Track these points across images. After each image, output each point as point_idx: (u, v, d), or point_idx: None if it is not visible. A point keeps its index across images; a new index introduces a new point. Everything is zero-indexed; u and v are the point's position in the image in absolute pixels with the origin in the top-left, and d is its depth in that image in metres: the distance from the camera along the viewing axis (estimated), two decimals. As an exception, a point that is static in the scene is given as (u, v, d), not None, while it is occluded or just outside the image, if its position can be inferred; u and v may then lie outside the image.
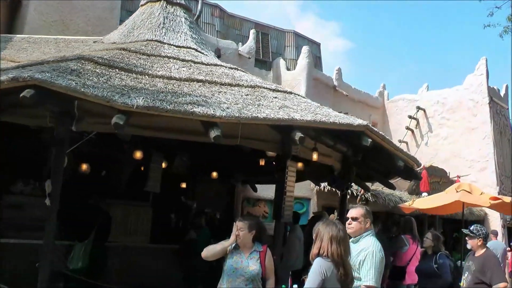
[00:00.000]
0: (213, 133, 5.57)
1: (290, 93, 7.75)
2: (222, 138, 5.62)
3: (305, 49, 17.92)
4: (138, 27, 9.62)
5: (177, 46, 8.87)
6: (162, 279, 8.94)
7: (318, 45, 21.37)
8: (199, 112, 5.56)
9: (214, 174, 13.15)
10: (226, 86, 7.05)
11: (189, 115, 5.54)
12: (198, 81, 6.99)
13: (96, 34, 11.61)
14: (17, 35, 10.32)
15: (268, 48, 19.25)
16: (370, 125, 7.02)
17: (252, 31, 18.13)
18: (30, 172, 8.36)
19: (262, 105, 6.46)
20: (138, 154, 9.60)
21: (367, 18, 65.73)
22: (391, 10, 64.74)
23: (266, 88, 7.45)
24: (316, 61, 19.83)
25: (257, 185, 14.82)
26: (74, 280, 7.61)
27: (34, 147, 7.97)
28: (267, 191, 15.33)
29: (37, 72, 5.49)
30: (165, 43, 8.86)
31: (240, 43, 17.71)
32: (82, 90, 5.38)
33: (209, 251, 5.19)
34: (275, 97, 7.03)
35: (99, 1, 13.95)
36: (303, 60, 17.60)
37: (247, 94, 6.85)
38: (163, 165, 10.66)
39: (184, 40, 9.32)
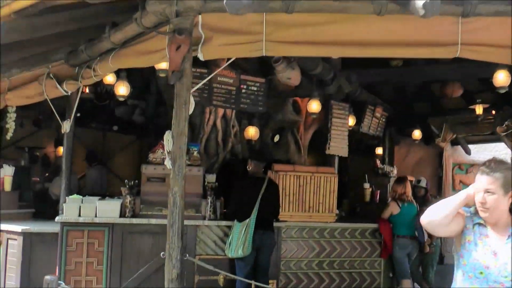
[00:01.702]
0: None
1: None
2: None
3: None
4: None
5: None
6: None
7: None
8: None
9: (417, 133, 10.35)
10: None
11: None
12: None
13: None
14: None
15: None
16: None
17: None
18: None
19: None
20: (315, 106, 7.31)
21: None
22: None
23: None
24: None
25: (470, 146, 11.68)
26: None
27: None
28: (483, 153, 12.17)
29: None
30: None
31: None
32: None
33: (437, 212, 2.57)
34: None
35: None
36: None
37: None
38: (351, 121, 8.25)
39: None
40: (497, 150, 11.76)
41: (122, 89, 6.55)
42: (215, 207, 6.10)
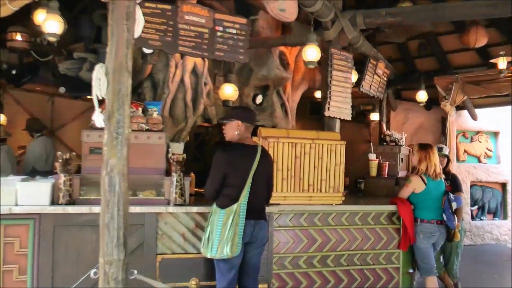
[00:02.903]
0: None
1: None
2: None
3: None
4: None
5: None
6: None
7: None
8: None
9: (422, 95, 8.86)
10: None
11: None
12: None
13: None
14: None
15: None
16: None
17: None
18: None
19: None
20: (314, 54, 5.69)
21: None
22: None
23: None
24: None
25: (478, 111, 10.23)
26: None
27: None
28: (489, 119, 10.79)
29: None
30: None
31: None
32: None
33: None
34: None
35: None
36: None
37: None
38: (354, 77, 6.74)
39: None
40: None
41: (52, 25, 4.77)
42: (182, 187, 4.46)
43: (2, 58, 7.85)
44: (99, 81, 2.59)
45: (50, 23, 4.78)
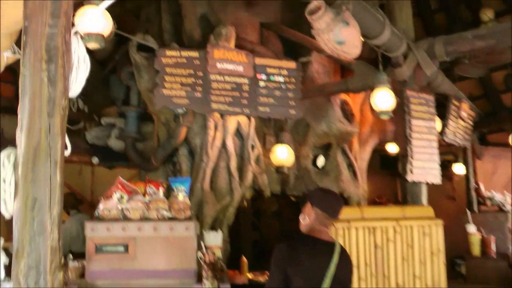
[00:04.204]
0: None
1: None
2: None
3: None
4: None
5: None
6: None
7: None
8: None
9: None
10: None
11: None
12: None
13: None
14: None
15: None
16: None
17: None
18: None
19: None
20: (387, 99, 4.40)
21: None
22: None
23: None
24: None
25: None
26: None
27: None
28: None
29: None
30: None
31: None
32: None
33: None
34: None
35: None
36: None
37: None
38: (438, 125, 5.36)
39: None
40: None
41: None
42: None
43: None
44: (4, 184, 1.43)
45: None
